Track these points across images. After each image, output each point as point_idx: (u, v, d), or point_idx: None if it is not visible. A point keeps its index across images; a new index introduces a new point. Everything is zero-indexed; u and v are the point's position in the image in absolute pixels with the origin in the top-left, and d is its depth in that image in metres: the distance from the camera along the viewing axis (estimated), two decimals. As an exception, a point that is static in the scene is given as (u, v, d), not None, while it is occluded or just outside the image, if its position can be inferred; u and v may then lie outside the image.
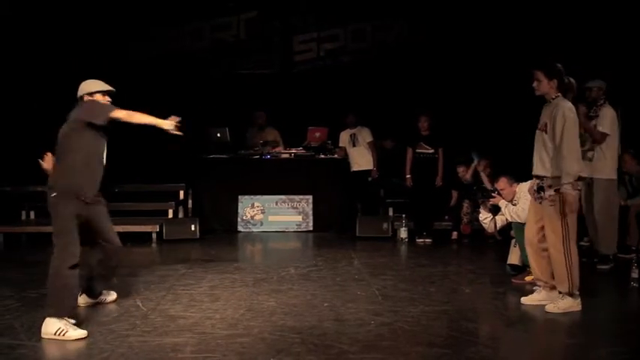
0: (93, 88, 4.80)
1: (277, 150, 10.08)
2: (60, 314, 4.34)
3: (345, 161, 9.93)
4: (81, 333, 4.31)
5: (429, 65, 10.89)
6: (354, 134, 9.92)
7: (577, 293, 4.94)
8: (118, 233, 5.13)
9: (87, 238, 4.74)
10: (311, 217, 9.65)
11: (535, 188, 5.07)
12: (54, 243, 4.49)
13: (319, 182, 9.71)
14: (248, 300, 5.35)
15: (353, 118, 9.94)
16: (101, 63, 10.00)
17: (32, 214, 9.74)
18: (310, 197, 9.67)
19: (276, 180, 9.64)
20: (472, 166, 8.83)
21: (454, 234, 8.87)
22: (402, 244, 8.55)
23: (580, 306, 4.94)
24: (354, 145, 9.90)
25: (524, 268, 6.02)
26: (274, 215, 9.69)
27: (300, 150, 10.02)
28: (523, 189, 5.88)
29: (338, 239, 8.90)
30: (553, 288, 5.03)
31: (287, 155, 9.95)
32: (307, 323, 4.63)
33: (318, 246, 8.49)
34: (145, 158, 9.99)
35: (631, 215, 7.52)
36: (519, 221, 5.91)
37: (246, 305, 5.16)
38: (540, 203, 5.00)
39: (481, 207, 6.61)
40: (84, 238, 4.66)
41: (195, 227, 8.92)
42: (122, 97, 4.82)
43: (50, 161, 4.71)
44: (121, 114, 4.57)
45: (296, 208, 9.70)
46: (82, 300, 5.11)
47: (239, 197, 9.68)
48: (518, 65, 5.32)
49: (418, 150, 8.77)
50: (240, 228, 9.64)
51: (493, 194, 6.31)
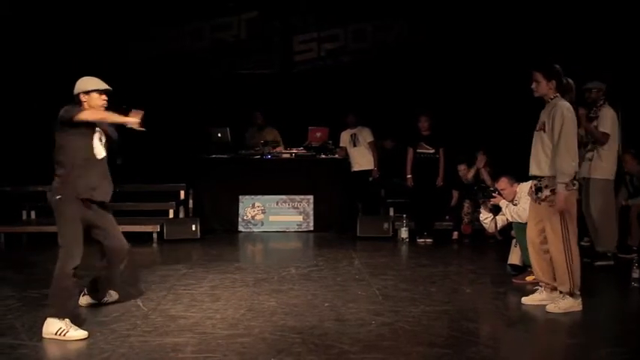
0: (89, 87, 4.66)
1: (278, 150, 10.08)
2: (61, 315, 4.34)
3: (346, 161, 9.93)
4: (82, 333, 4.31)
5: (430, 65, 10.89)
6: (355, 134, 9.92)
7: (578, 293, 4.94)
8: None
9: (92, 240, 4.75)
10: (312, 217, 9.65)
11: (533, 189, 5.08)
12: (59, 245, 4.48)
13: (320, 182, 9.71)
14: (249, 300, 5.35)
15: (353, 118, 9.94)
16: (101, 63, 10.00)
17: (33, 214, 9.73)
18: (311, 197, 9.68)
19: (276, 180, 9.64)
20: (474, 167, 8.83)
21: (455, 234, 8.87)
22: (403, 244, 8.55)
23: (581, 306, 4.94)
24: (355, 145, 9.90)
25: (524, 268, 6.02)
26: (275, 215, 9.69)
27: (300, 150, 10.02)
28: (524, 189, 5.88)
29: (339, 239, 8.90)
30: (554, 289, 5.03)
31: (288, 155, 9.95)
32: (308, 323, 4.63)
33: (318, 246, 8.49)
34: (146, 158, 10.00)
35: (632, 215, 7.51)
36: (520, 221, 5.91)
37: (246, 305, 5.16)
38: (539, 204, 5.00)
39: (482, 207, 6.60)
40: (89, 240, 4.67)
41: (195, 227, 8.92)
42: (122, 97, 4.79)
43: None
44: (86, 114, 4.48)
45: (297, 208, 9.70)
46: (84, 300, 5.11)
47: (240, 197, 9.68)
48: (518, 65, 5.32)
49: (419, 150, 8.77)
50: (240, 228, 9.64)
51: (494, 194, 6.31)
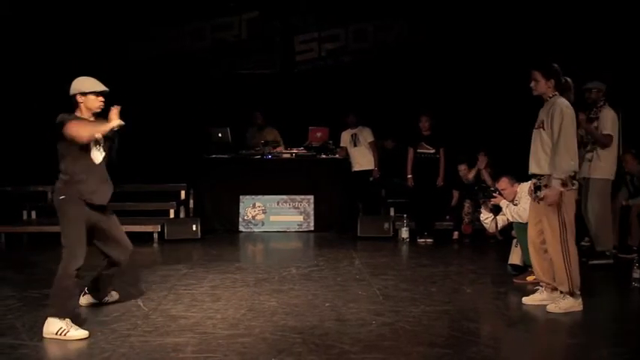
0: (87, 88, 4.58)
1: (278, 150, 10.08)
2: (62, 314, 4.34)
3: (347, 161, 9.93)
4: (82, 333, 4.31)
5: (430, 65, 10.89)
6: (356, 134, 9.91)
7: (578, 293, 4.93)
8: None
9: (94, 241, 4.75)
10: (312, 217, 9.65)
11: (532, 188, 5.08)
12: (63, 245, 4.48)
13: (320, 182, 9.72)
14: (249, 300, 5.35)
15: (354, 118, 9.94)
16: (101, 63, 10.00)
17: (33, 214, 9.73)
18: (311, 197, 9.68)
19: (277, 180, 9.65)
20: (475, 168, 8.83)
21: (455, 234, 8.87)
22: (404, 244, 8.55)
23: (581, 306, 4.93)
24: (356, 145, 9.90)
25: (525, 268, 6.02)
26: (275, 215, 9.69)
27: (301, 150, 10.02)
28: (524, 189, 5.88)
29: (339, 239, 8.90)
30: (555, 289, 5.03)
31: (288, 155, 9.95)
32: (308, 323, 4.63)
33: (319, 246, 8.49)
34: (147, 158, 10.00)
35: (632, 215, 7.50)
36: (520, 221, 5.91)
37: (247, 305, 5.16)
38: (538, 203, 5.00)
39: (482, 207, 6.60)
40: (91, 241, 4.67)
41: (196, 227, 8.92)
42: (122, 98, 4.78)
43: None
44: (74, 134, 4.39)
45: (297, 208, 9.70)
46: (85, 300, 5.11)
47: (240, 197, 9.68)
48: (518, 65, 5.32)
49: (419, 150, 8.77)
50: (241, 228, 9.64)
51: (494, 194, 6.30)
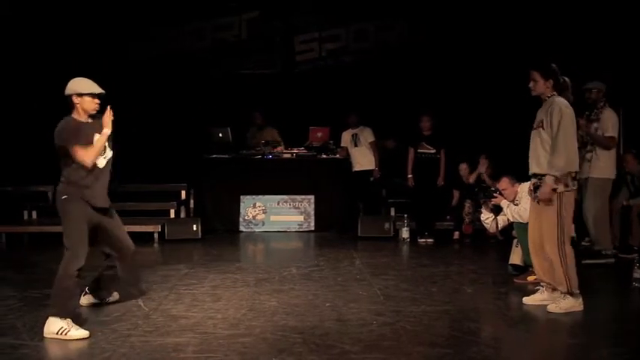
0: (83, 89, 4.56)
1: (279, 150, 10.08)
2: (62, 314, 4.34)
3: (347, 161, 9.93)
4: (83, 333, 4.31)
5: (431, 65, 10.87)
6: (356, 134, 9.91)
7: (577, 292, 4.92)
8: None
9: (98, 242, 4.76)
10: (313, 217, 9.65)
11: (531, 187, 5.07)
12: (65, 245, 4.49)
13: (321, 182, 9.71)
14: (250, 300, 5.35)
15: (355, 118, 9.93)
16: (101, 63, 10.00)
17: (34, 214, 9.74)
18: (312, 197, 9.67)
19: (277, 180, 9.65)
20: (476, 171, 8.84)
21: (456, 234, 8.87)
22: (404, 244, 8.55)
23: (582, 305, 4.93)
24: (356, 145, 9.90)
25: (526, 268, 6.02)
26: (276, 215, 9.69)
27: (301, 150, 10.02)
28: (525, 189, 5.87)
29: (340, 239, 8.90)
30: (555, 289, 5.02)
31: (289, 155, 9.95)
32: (309, 323, 4.63)
33: (319, 246, 8.49)
34: (147, 158, 10.00)
35: (633, 215, 7.50)
36: (521, 221, 5.90)
37: (247, 305, 5.16)
38: (538, 203, 4.99)
39: (483, 207, 6.60)
40: (94, 241, 4.68)
41: (197, 227, 8.92)
42: (123, 98, 4.77)
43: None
44: (81, 158, 4.43)
45: (298, 208, 9.70)
46: (85, 300, 5.11)
47: (241, 197, 9.68)
48: (518, 65, 5.32)
49: (420, 150, 8.76)
50: (242, 228, 9.64)
51: (495, 194, 6.30)
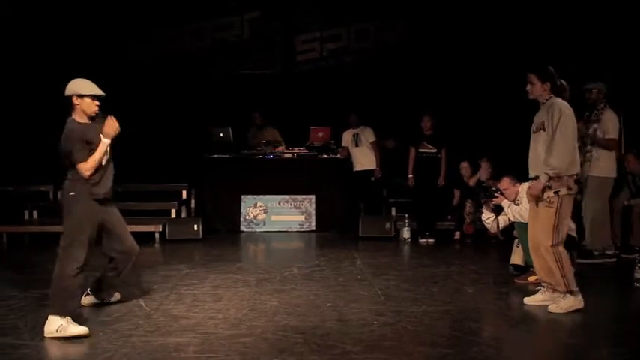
0: (84, 91, 4.55)
1: (280, 150, 10.08)
2: (62, 313, 4.35)
3: (348, 161, 9.93)
4: (81, 329, 4.30)
5: (432, 65, 10.87)
6: (357, 134, 9.91)
7: (576, 289, 4.89)
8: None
9: (102, 242, 4.78)
10: (314, 217, 9.65)
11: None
12: (60, 245, 4.48)
13: (322, 182, 9.72)
14: (251, 300, 5.35)
15: (356, 118, 9.93)
16: (101, 63, 10.00)
17: (35, 214, 9.74)
18: (313, 197, 9.68)
19: (278, 180, 9.65)
20: (477, 175, 8.84)
21: (457, 234, 8.87)
22: (405, 244, 8.55)
23: (582, 303, 4.90)
24: (357, 145, 9.90)
25: (527, 268, 6.02)
26: (277, 215, 9.69)
27: (302, 150, 10.02)
28: (526, 189, 5.87)
29: (341, 239, 8.89)
30: (556, 289, 5.01)
31: (290, 155, 9.95)
32: (310, 323, 4.63)
33: (320, 246, 8.49)
34: (148, 158, 10.00)
35: (634, 215, 7.50)
36: (522, 221, 5.90)
37: (248, 305, 5.16)
38: (537, 205, 4.97)
39: (484, 207, 6.60)
40: (99, 241, 4.70)
41: (198, 227, 8.92)
42: (123, 98, 4.77)
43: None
44: (84, 170, 4.47)
45: (299, 208, 9.70)
46: (87, 300, 5.11)
47: (242, 197, 9.69)
48: (519, 65, 5.32)
49: (421, 150, 8.77)
50: (242, 228, 9.64)
51: (496, 194, 6.30)
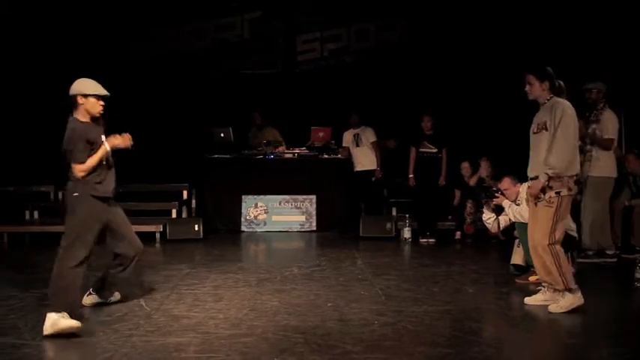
0: (88, 90, 4.57)
1: (280, 150, 10.08)
2: (60, 311, 4.35)
3: (349, 161, 9.93)
4: (72, 322, 4.26)
5: (433, 65, 10.88)
6: (358, 134, 9.92)
7: (575, 287, 4.86)
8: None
9: (107, 241, 4.80)
10: (314, 217, 9.65)
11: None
12: (60, 245, 4.49)
13: (323, 182, 9.72)
14: (251, 300, 5.35)
15: (356, 118, 9.94)
16: (101, 63, 10.01)
17: (36, 214, 9.75)
18: (314, 197, 9.68)
19: (279, 180, 9.66)
20: (477, 174, 8.83)
21: (457, 234, 8.87)
22: (406, 244, 8.55)
23: (582, 299, 4.87)
24: (358, 145, 9.90)
25: (527, 268, 6.01)
26: (278, 215, 9.70)
27: (303, 150, 10.03)
28: (525, 189, 5.87)
29: (341, 239, 8.90)
30: (557, 289, 5.00)
31: (290, 155, 9.96)
32: (310, 323, 4.63)
33: (321, 246, 8.50)
34: (149, 158, 10.00)
35: (635, 215, 7.49)
36: (523, 221, 5.89)
37: (249, 305, 5.16)
38: (536, 205, 4.97)
39: (484, 207, 6.59)
40: (104, 239, 4.72)
41: (198, 227, 8.93)
42: (122, 97, 4.77)
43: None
44: (80, 170, 4.49)
45: (299, 208, 9.70)
46: (89, 300, 5.11)
47: (242, 197, 9.70)
48: (519, 64, 5.32)
49: (422, 149, 8.77)
50: (243, 228, 9.65)
51: (496, 194, 6.30)
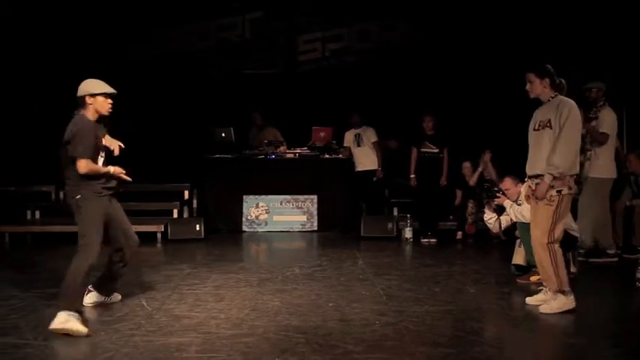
0: (96, 90, 4.67)
1: (281, 150, 10.09)
2: (70, 309, 4.36)
3: (350, 161, 9.94)
4: (82, 329, 4.28)
5: (434, 65, 10.89)
6: (359, 134, 9.92)
7: (568, 290, 4.85)
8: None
9: (108, 237, 4.82)
10: (315, 217, 9.66)
11: (533, 187, 5.03)
12: (79, 245, 4.55)
13: (324, 182, 9.72)
14: (253, 300, 5.35)
15: (357, 118, 9.94)
16: (101, 63, 10.02)
17: (37, 214, 9.75)
18: (315, 197, 9.69)
19: (280, 180, 9.66)
20: (477, 171, 8.83)
21: (459, 234, 8.87)
22: (407, 244, 8.55)
23: (574, 302, 4.85)
24: (359, 145, 9.90)
25: (529, 268, 6.01)
26: (279, 215, 9.70)
27: (304, 150, 10.03)
28: (526, 188, 5.86)
29: (342, 239, 8.90)
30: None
31: (291, 155, 9.96)
32: (312, 323, 4.63)
33: (322, 246, 8.50)
34: (150, 158, 10.01)
35: (636, 215, 7.49)
36: (524, 221, 5.89)
37: (250, 305, 5.16)
38: (537, 203, 4.96)
39: (486, 207, 6.59)
40: (106, 237, 4.74)
41: (200, 227, 8.93)
42: (123, 98, 4.80)
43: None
44: (80, 163, 4.52)
45: (300, 208, 9.70)
46: (89, 299, 5.11)
47: (244, 197, 9.70)
48: (519, 64, 5.32)
49: (423, 149, 8.76)
50: (244, 228, 9.65)
51: (498, 194, 6.29)
